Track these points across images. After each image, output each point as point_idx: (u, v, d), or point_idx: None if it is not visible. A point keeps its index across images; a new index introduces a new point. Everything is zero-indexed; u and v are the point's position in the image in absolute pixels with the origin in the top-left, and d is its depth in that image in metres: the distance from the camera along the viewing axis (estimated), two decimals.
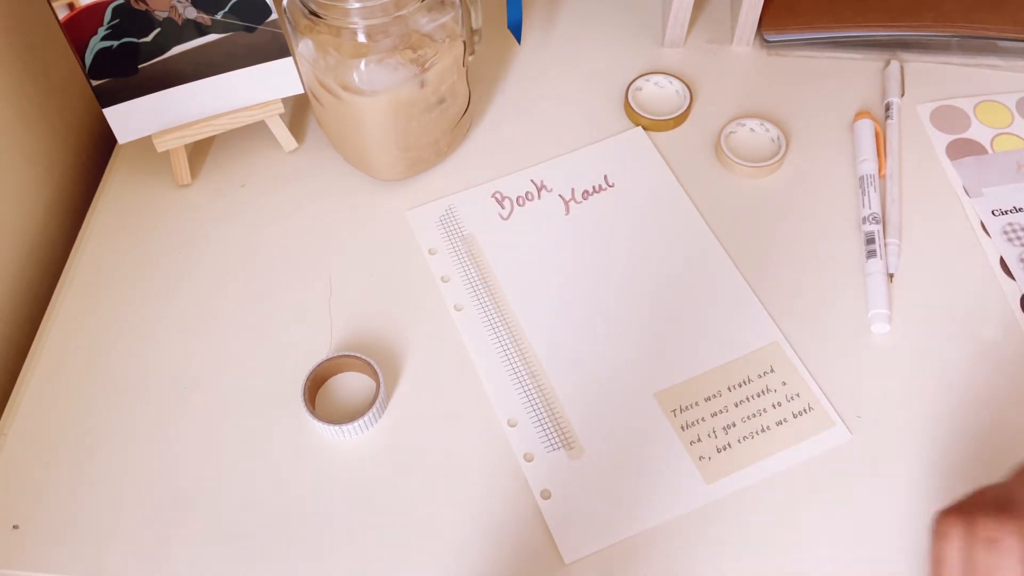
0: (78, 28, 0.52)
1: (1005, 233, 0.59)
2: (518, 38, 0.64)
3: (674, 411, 0.52)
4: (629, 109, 0.65)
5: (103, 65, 0.54)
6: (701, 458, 0.50)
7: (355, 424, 0.50)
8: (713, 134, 0.64)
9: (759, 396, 0.52)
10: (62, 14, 0.51)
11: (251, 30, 0.56)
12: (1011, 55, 0.67)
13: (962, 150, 0.63)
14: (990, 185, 0.61)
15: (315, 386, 0.53)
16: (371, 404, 0.51)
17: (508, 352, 0.54)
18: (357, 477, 0.50)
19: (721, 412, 0.52)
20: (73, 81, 0.66)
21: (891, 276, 0.57)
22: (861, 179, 0.61)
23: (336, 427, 0.50)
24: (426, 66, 0.55)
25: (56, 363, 0.55)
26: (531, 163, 0.63)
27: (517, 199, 0.61)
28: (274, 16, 0.56)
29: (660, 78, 0.66)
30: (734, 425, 0.51)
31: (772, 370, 0.53)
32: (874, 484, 0.49)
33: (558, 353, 0.54)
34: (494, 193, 0.62)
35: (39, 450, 0.52)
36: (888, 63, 0.67)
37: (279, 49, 0.58)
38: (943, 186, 0.61)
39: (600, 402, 0.52)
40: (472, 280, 0.58)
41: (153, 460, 0.51)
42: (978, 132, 0.64)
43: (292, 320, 0.56)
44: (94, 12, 0.52)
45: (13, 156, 0.59)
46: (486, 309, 0.56)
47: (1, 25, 0.58)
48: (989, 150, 0.63)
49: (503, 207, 0.61)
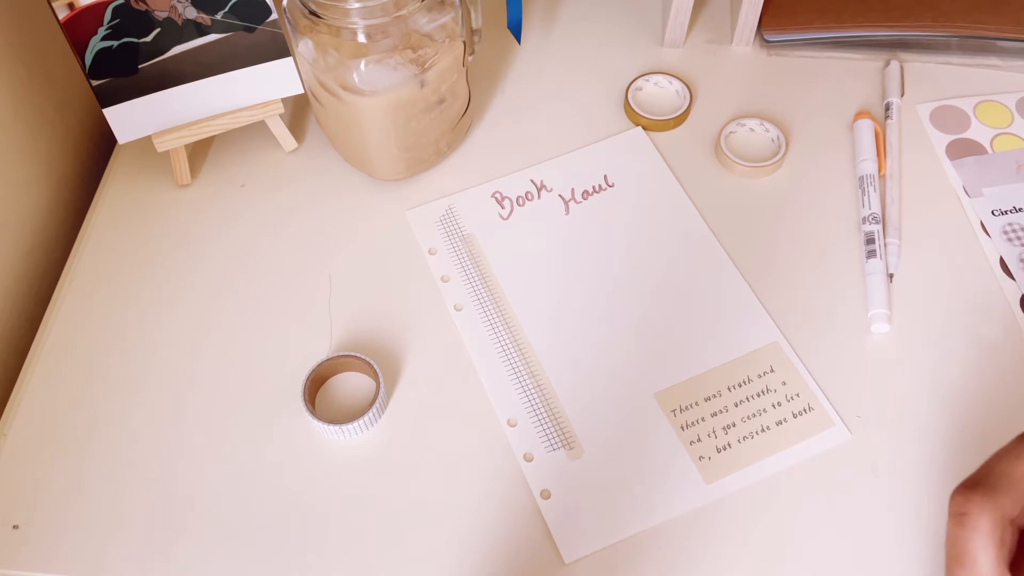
0: (78, 28, 0.52)
1: (1005, 233, 0.59)
2: (518, 38, 0.64)
3: (674, 411, 0.52)
4: (629, 109, 0.65)
5: (103, 65, 0.54)
6: (701, 458, 0.50)
7: (355, 424, 0.50)
8: (713, 134, 0.64)
9: (759, 396, 0.52)
10: (62, 14, 0.51)
11: (251, 30, 0.56)
12: (1011, 55, 0.67)
13: (962, 150, 0.63)
14: (990, 185, 0.61)
15: (315, 386, 0.53)
16: (371, 404, 0.51)
17: (508, 352, 0.54)
18: (357, 477, 0.50)
19: (721, 412, 0.52)
20: (73, 81, 0.66)
21: (891, 276, 0.57)
22: (861, 179, 0.61)
23: (336, 427, 0.50)
24: (426, 66, 0.55)
25: (56, 363, 0.55)
26: (531, 163, 0.63)
27: (517, 199, 0.62)
28: (274, 16, 0.56)
29: (660, 78, 0.66)
30: (734, 425, 0.51)
31: (772, 370, 0.53)
32: (874, 484, 0.49)
33: (558, 353, 0.54)
34: (494, 193, 0.62)
35: (39, 450, 0.52)
36: (888, 63, 0.67)
37: (279, 49, 0.58)
38: (943, 186, 0.61)
39: (600, 402, 0.52)
40: (472, 280, 0.58)
41: (153, 460, 0.51)
42: (978, 132, 0.64)
43: (292, 320, 0.56)
44: (94, 12, 0.52)
45: (13, 156, 0.59)
46: (486, 309, 0.56)
47: (1, 25, 0.58)
48: (989, 150, 0.63)
49: (503, 207, 0.61)
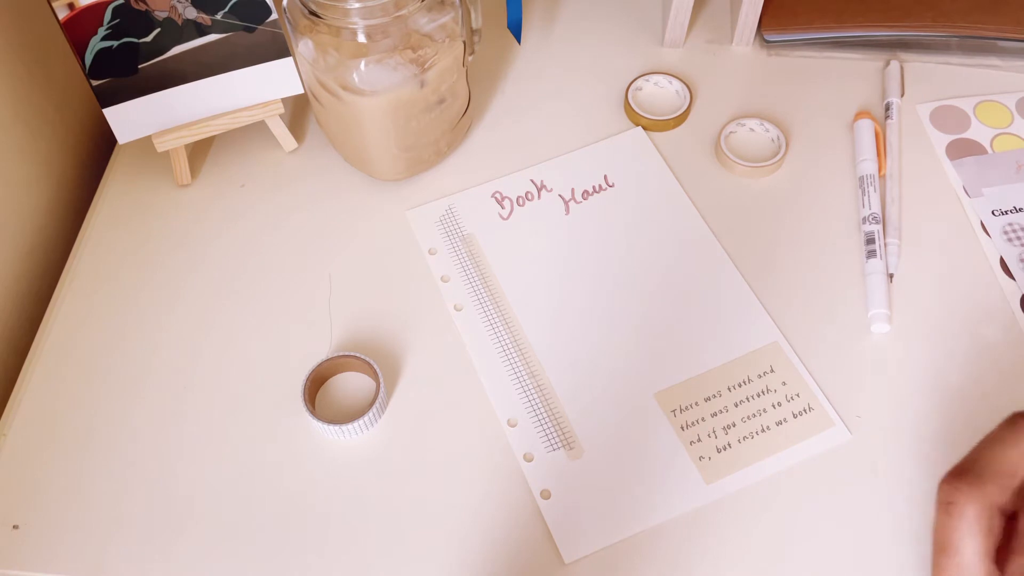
0: (78, 28, 0.52)
1: (1005, 233, 0.59)
2: (518, 38, 0.64)
3: (674, 411, 0.52)
4: (629, 109, 0.65)
5: (103, 65, 0.54)
6: (701, 458, 0.50)
7: (355, 424, 0.50)
8: (713, 134, 0.64)
9: (759, 396, 0.52)
10: (62, 14, 0.51)
11: (251, 30, 0.56)
12: (1011, 55, 0.67)
13: (962, 150, 0.63)
14: (990, 185, 0.61)
15: (315, 386, 0.53)
16: (371, 404, 0.51)
17: (508, 352, 0.54)
18: (357, 477, 0.50)
19: (721, 412, 0.52)
20: (73, 81, 0.66)
21: (891, 276, 0.57)
22: (861, 179, 0.61)
23: (336, 427, 0.50)
24: (426, 66, 0.55)
25: (56, 363, 0.55)
26: (531, 163, 0.63)
27: (517, 199, 0.62)
28: (274, 16, 0.56)
29: (660, 78, 0.66)
30: (734, 425, 0.51)
31: (772, 370, 0.53)
32: (874, 484, 0.49)
33: (558, 353, 0.54)
34: (494, 193, 0.62)
35: (39, 450, 0.52)
36: (888, 63, 0.67)
37: (279, 49, 0.58)
38: (943, 186, 0.61)
39: (600, 402, 0.52)
40: (472, 280, 0.58)
41: (153, 460, 0.51)
42: (978, 132, 0.64)
43: (292, 320, 0.56)
44: (94, 12, 0.52)
45: (13, 156, 0.59)
46: (486, 309, 0.56)
47: (1, 25, 0.58)
48: (989, 150, 0.63)
49: (503, 207, 0.61)
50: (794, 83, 0.67)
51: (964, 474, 0.31)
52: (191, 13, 0.55)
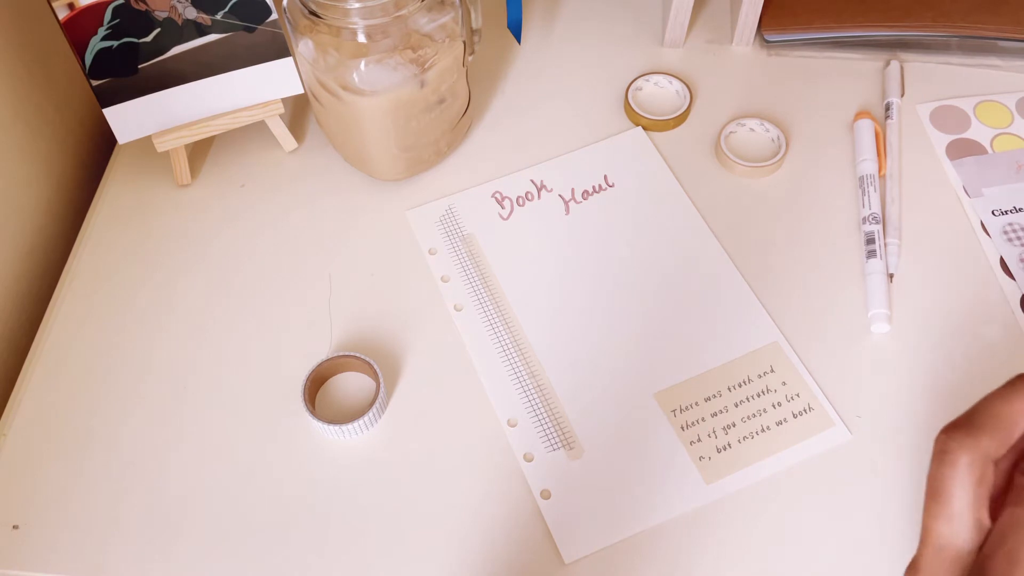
0: (78, 28, 0.52)
1: (1005, 233, 0.59)
2: (518, 38, 0.64)
3: (674, 411, 0.52)
4: (629, 109, 0.65)
5: (103, 65, 0.54)
6: (701, 458, 0.50)
7: (355, 424, 0.50)
8: (713, 134, 0.64)
9: (759, 396, 0.52)
10: (62, 14, 0.51)
11: (251, 30, 0.56)
12: (1011, 55, 0.67)
13: (962, 150, 0.63)
14: (990, 185, 0.61)
15: (315, 386, 0.53)
16: (371, 404, 0.51)
17: (508, 352, 0.54)
18: (357, 477, 0.50)
19: (721, 412, 0.52)
20: (73, 81, 0.66)
21: (891, 276, 0.57)
22: (861, 179, 0.61)
23: (336, 427, 0.50)
24: (426, 66, 0.55)
25: (56, 363, 0.55)
26: (531, 163, 0.63)
27: (517, 199, 0.62)
28: (274, 16, 0.56)
29: (660, 78, 0.66)
30: (734, 425, 0.51)
31: (772, 370, 0.53)
32: (874, 484, 0.49)
33: (558, 353, 0.54)
34: (494, 193, 0.62)
35: (39, 450, 0.52)
36: (888, 63, 0.67)
37: (279, 49, 0.58)
38: (943, 186, 0.61)
39: (600, 402, 0.52)
40: (472, 280, 0.58)
41: (153, 460, 0.51)
42: (978, 132, 0.64)
43: (292, 320, 0.56)
44: (94, 12, 0.52)
45: (13, 156, 0.59)
46: (486, 309, 0.56)
47: (1, 25, 0.58)
48: (989, 150, 0.63)
49: (503, 207, 0.61)
50: (794, 83, 0.67)
51: (961, 425, 0.31)
52: (191, 13, 0.55)
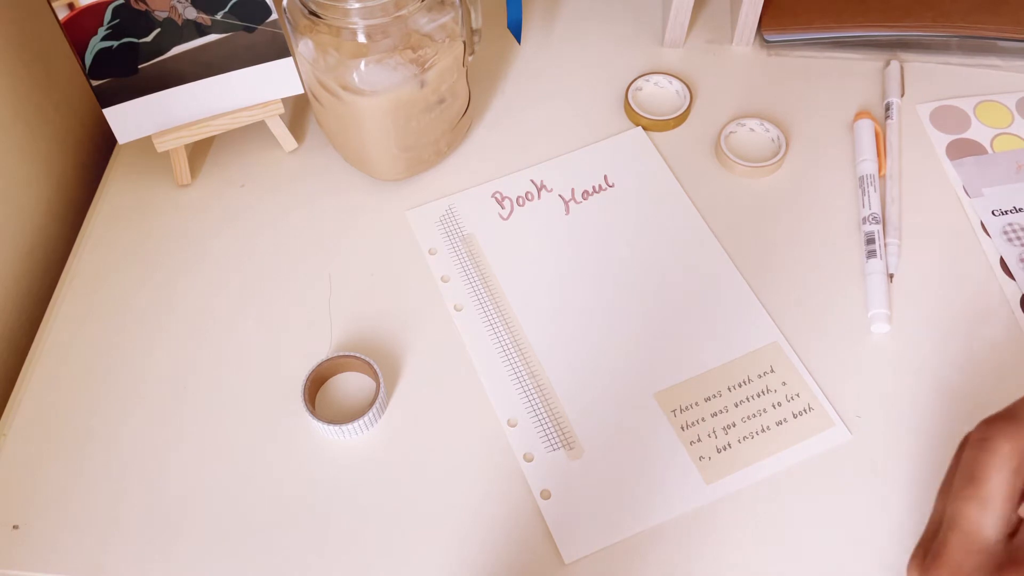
0: (78, 28, 0.52)
1: (1005, 233, 0.59)
2: (518, 38, 0.64)
3: (674, 411, 0.52)
4: (629, 109, 0.65)
5: (103, 65, 0.54)
6: (701, 458, 0.50)
7: (355, 424, 0.50)
8: (713, 134, 0.64)
9: (759, 396, 0.52)
10: (62, 14, 0.51)
11: (251, 30, 0.56)
12: (1011, 55, 0.67)
13: (962, 150, 0.63)
14: (990, 185, 0.61)
15: (315, 386, 0.53)
16: (371, 404, 0.51)
17: (508, 352, 0.54)
18: (357, 477, 0.50)
19: (721, 412, 0.52)
20: (73, 81, 0.66)
21: (891, 276, 0.57)
22: (861, 179, 0.61)
23: (336, 427, 0.50)
24: (426, 66, 0.55)
25: (56, 363, 0.55)
26: (531, 163, 0.63)
27: (517, 199, 0.62)
28: (274, 16, 0.56)
29: (660, 78, 0.66)
30: (734, 425, 0.51)
31: (772, 370, 0.53)
32: (874, 484, 0.49)
33: (558, 353, 0.54)
34: (494, 193, 0.62)
35: (39, 450, 0.52)
36: (888, 63, 0.67)
37: (279, 49, 0.58)
38: (943, 186, 0.61)
39: (600, 402, 0.52)
40: (472, 280, 0.58)
41: (153, 460, 0.51)
42: (978, 132, 0.64)
43: (292, 320, 0.56)
44: (94, 12, 0.52)
45: (13, 156, 0.59)
46: (486, 309, 0.56)
47: (1, 25, 0.58)
48: (989, 150, 0.63)
49: (503, 207, 0.61)
50: (794, 83, 0.67)
51: (1003, 416, 0.32)
52: (191, 13, 0.55)
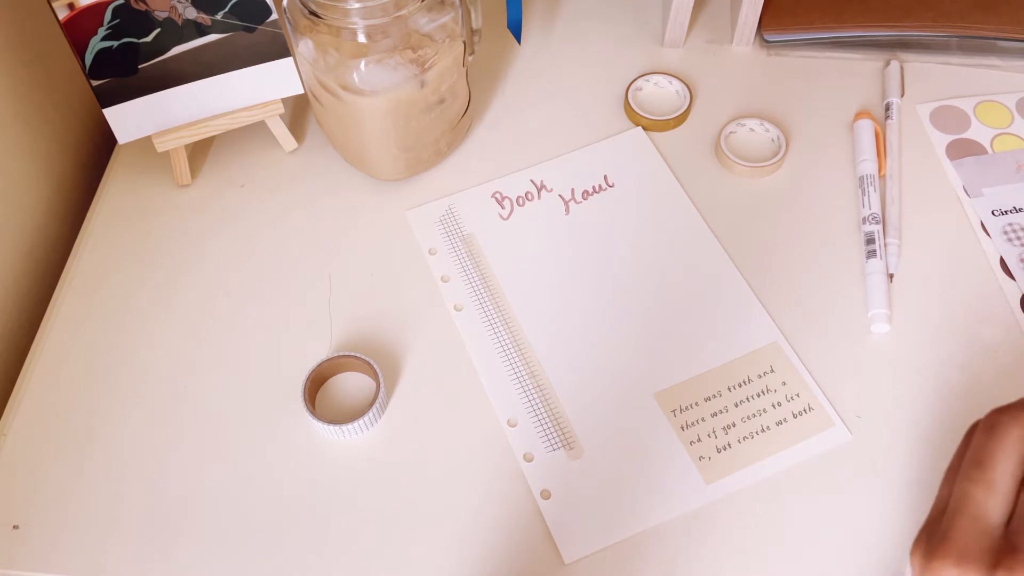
0: (78, 28, 0.52)
1: (1005, 233, 0.59)
2: (518, 38, 0.64)
3: (674, 411, 0.52)
4: (629, 109, 0.65)
5: (103, 65, 0.54)
6: (701, 458, 0.50)
7: (355, 424, 0.50)
8: (713, 134, 0.64)
9: (759, 396, 0.52)
10: (62, 14, 0.51)
11: (251, 30, 0.56)
12: (1011, 55, 0.67)
13: (962, 150, 0.63)
14: (990, 185, 0.61)
15: (315, 386, 0.53)
16: (371, 404, 0.51)
17: (508, 352, 0.54)
18: (357, 477, 0.50)
19: (721, 412, 0.52)
20: (73, 81, 0.66)
21: (891, 276, 0.57)
22: (861, 179, 0.61)
23: (336, 427, 0.50)
24: (426, 66, 0.55)
25: (56, 363, 0.55)
26: (531, 163, 0.63)
27: (517, 199, 0.62)
28: (274, 16, 0.56)
29: (660, 78, 0.66)
30: (734, 425, 0.51)
31: (772, 370, 0.53)
32: (874, 484, 0.49)
33: (558, 353, 0.54)
34: (494, 193, 0.62)
35: (39, 450, 0.52)
36: (888, 63, 0.67)
37: (279, 49, 0.58)
38: (943, 186, 0.61)
39: (600, 402, 0.52)
40: (472, 280, 0.58)
41: (153, 460, 0.51)
42: (978, 132, 0.64)
43: (292, 320, 0.56)
44: (94, 12, 0.52)
45: (13, 156, 0.59)
46: (486, 309, 0.56)
47: (1, 25, 0.58)
48: (989, 150, 0.63)
49: (503, 207, 0.61)
50: (794, 83, 0.67)
51: (1015, 405, 0.33)
52: (191, 13, 0.55)
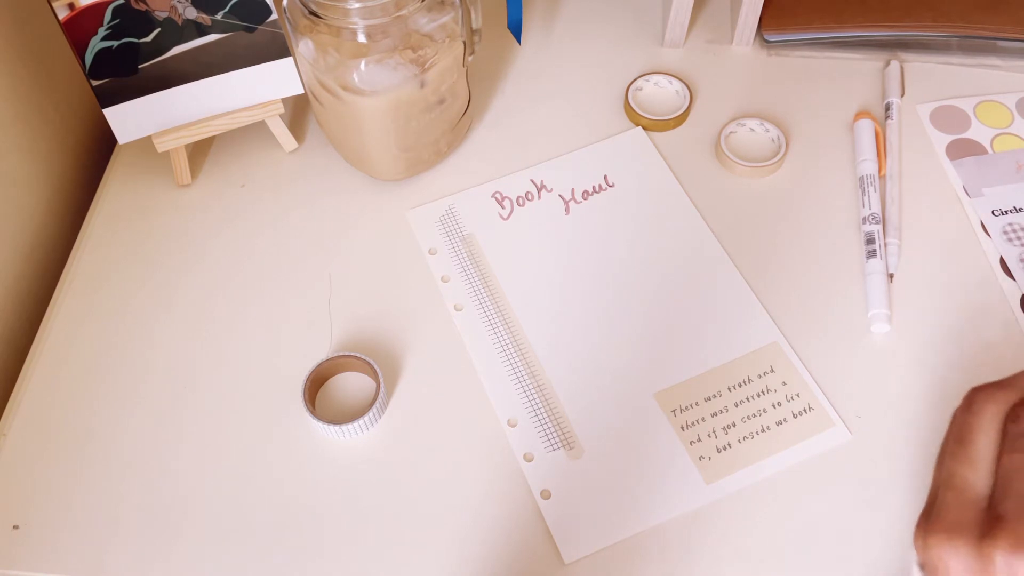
0: (78, 28, 0.52)
1: (1005, 233, 0.59)
2: (518, 38, 0.64)
3: (674, 411, 0.52)
4: (629, 109, 0.65)
5: (103, 65, 0.54)
6: (701, 458, 0.50)
7: (355, 424, 0.50)
8: (713, 134, 0.64)
9: (759, 396, 0.52)
10: (62, 14, 0.51)
11: (251, 30, 0.56)
12: (1011, 55, 0.67)
13: (962, 150, 0.63)
14: (990, 185, 0.61)
15: (315, 386, 0.53)
16: (371, 404, 0.51)
17: (508, 352, 0.54)
18: (357, 477, 0.50)
19: (721, 412, 0.52)
20: (73, 81, 0.66)
21: (891, 276, 0.57)
22: (861, 179, 0.61)
23: (336, 427, 0.50)
24: (426, 66, 0.55)
25: (56, 363, 0.55)
26: (531, 163, 0.63)
27: (517, 199, 0.62)
28: (274, 16, 0.56)
29: (660, 78, 0.66)
30: (734, 425, 0.51)
31: (772, 370, 0.53)
32: (874, 484, 0.49)
33: (558, 353, 0.54)
34: (494, 193, 0.62)
35: (39, 450, 0.52)
36: (888, 63, 0.67)
37: (279, 49, 0.58)
38: (943, 186, 0.61)
39: (600, 402, 0.52)
40: (472, 280, 0.58)
41: (153, 460, 0.51)
42: (978, 132, 0.64)
43: (292, 320, 0.56)
44: (94, 12, 0.52)
45: (13, 156, 0.59)
46: (486, 309, 0.56)
47: (1, 25, 0.58)
48: (989, 150, 0.63)
49: (503, 207, 0.61)
50: (794, 83, 0.67)
51: (990, 384, 0.34)
52: (191, 13, 0.55)
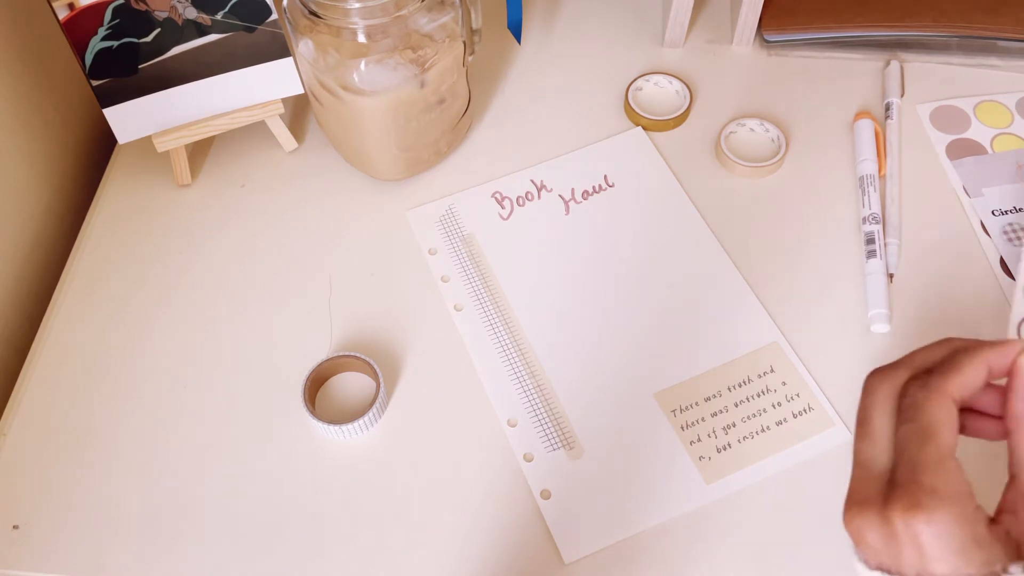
0: (78, 28, 0.52)
1: (1005, 233, 0.59)
2: (518, 38, 0.64)
3: (674, 411, 0.52)
4: (629, 109, 0.65)
5: (103, 65, 0.54)
6: (701, 458, 0.50)
7: (355, 424, 0.50)
8: (713, 134, 0.64)
9: (759, 396, 0.52)
10: (62, 14, 0.51)
11: (251, 30, 0.56)
12: (1011, 55, 0.67)
13: (962, 150, 0.63)
14: (990, 185, 0.61)
15: (315, 386, 0.53)
16: (371, 404, 0.51)
17: (508, 352, 0.54)
18: (357, 477, 0.50)
19: (721, 412, 0.52)
20: (73, 81, 0.66)
21: (891, 276, 0.57)
22: (861, 179, 0.61)
23: (336, 427, 0.50)
24: (426, 66, 0.55)
25: (56, 363, 0.55)
26: (531, 163, 0.63)
27: (517, 199, 0.62)
28: (274, 16, 0.56)
29: (660, 78, 0.66)
30: (734, 425, 0.51)
31: (772, 370, 0.53)
32: None
33: (558, 353, 0.54)
34: (494, 193, 0.62)
35: (39, 450, 0.52)
36: (888, 63, 0.67)
37: (279, 49, 0.58)
38: (943, 186, 0.61)
39: (600, 402, 0.52)
40: (472, 280, 0.58)
41: (153, 460, 0.51)
42: (978, 132, 0.64)
43: (292, 320, 0.56)
44: (94, 12, 0.52)
45: (13, 156, 0.59)
46: (486, 309, 0.56)
47: (1, 25, 0.58)
48: (989, 150, 0.63)
49: (503, 207, 0.61)
50: (794, 83, 0.67)
51: (884, 366, 0.36)
52: (191, 13, 0.55)
